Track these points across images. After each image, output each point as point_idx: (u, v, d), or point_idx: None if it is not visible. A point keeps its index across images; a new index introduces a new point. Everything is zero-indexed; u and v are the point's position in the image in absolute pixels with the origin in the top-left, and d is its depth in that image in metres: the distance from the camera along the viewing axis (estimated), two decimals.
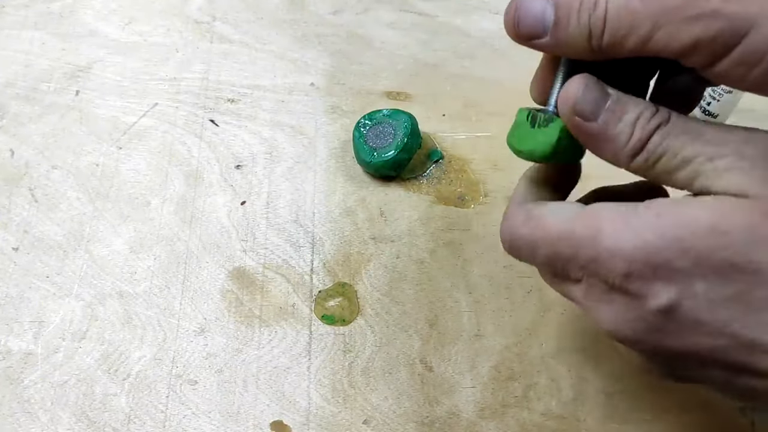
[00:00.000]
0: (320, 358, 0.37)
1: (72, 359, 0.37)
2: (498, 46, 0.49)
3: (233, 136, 0.45)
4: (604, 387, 0.37)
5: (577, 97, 0.25)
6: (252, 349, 0.38)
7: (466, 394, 0.37)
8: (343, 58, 0.49)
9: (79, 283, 0.40)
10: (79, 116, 0.46)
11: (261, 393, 0.36)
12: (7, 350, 0.37)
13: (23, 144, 0.45)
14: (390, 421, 0.36)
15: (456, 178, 0.43)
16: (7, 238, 0.41)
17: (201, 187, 0.43)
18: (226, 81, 0.47)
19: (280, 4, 0.51)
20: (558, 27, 0.25)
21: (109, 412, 0.36)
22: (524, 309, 0.39)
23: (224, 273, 0.40)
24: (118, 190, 0.43)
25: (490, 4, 0.51)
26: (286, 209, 0.42)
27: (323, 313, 0.39)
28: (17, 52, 0.49)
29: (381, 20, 0.51)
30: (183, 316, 0.39)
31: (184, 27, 0.50)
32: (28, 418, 0.35)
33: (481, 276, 0.40)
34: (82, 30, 0.50)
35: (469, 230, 0.41)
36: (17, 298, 0.39)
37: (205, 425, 0.36)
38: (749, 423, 0.36)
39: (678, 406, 0.36)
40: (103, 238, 0.41)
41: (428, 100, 0.47)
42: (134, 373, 0.37)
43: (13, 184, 0.43)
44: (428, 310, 0.39)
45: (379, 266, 0.40)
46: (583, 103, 0.25)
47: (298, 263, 0.40)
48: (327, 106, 0.46)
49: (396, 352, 0.38)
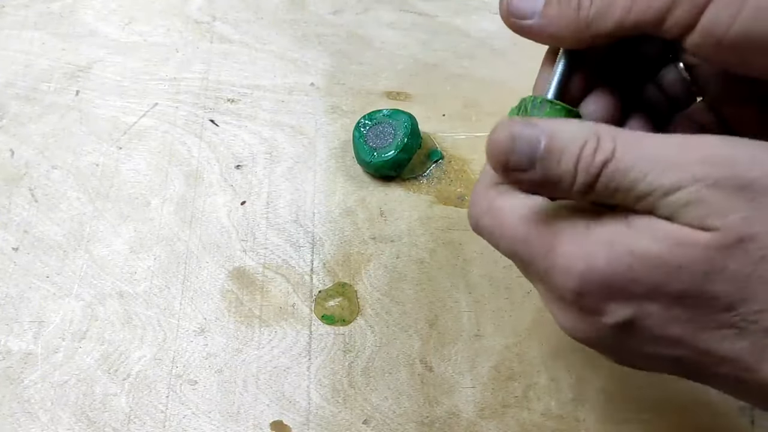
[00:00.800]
0: (320, 358, 0.37)
1: (72, 359, 0.37)
2: (498, 46, 0.49)
3: (233, 136, 0.45)
4: (604, 387, 0.37)
5: (507, 152, 0.23)
6: (252, 349, 0.38)
7: (466, 394, 0.37)
8: (343, 58, 0.49)
9: (79, 283, 0.40)
10: (79, 116, 0.46)
11: (261, 393, 0.36)
12: (7, 350, 0.37)
13: (23, 144, 0.45)
14: (390, 421, 0.36)
15: (456, 178, 0.44)
16: (7, 238, 0.41)
17: (201, 187, 0.43)
18: (226, 81, 0.47)
19: (280, 4, 0.51)
20: (548, 5, 0.25)
21: (109, 412, 0.36)
22: (524, 309, 0.39)
23: (224, 273, 0.40)
24: (118, 190, 0.43)
25: (490, 4, 0.51)
26: (286, 209, 0.42)
27: (323, 313, 0.39)
28: (17, 52, 0.49)
29: (381, 20, 0.51)
30: (183, 316, 0.39)
31: (184, 27, 0.50)
32: (28, 418, 0.36)
33: (481, 276, 0.40)
34: (82, 30, 0.50)
35: (469, 230, 0.41)
36: (17, 298, 0.39)
37: (205, 425, 0.36)
38: (749, 423, 0.36)
39: (678, 406, 0.36)
40: (103, 238, 0.41)
41: (428, 100, 0.47)
42: (134, 373, 0.37)
43: (13, 184, 0.43)
44: (428, 310, 0.39)
45: (379, 266, 0.40)
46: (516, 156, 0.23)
47: (298, 263, 0.40)
48: (327, 106, 0.46)
49: (396, 352, 0.38)
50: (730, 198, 0.21)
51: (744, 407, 0.36)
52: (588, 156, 0.22)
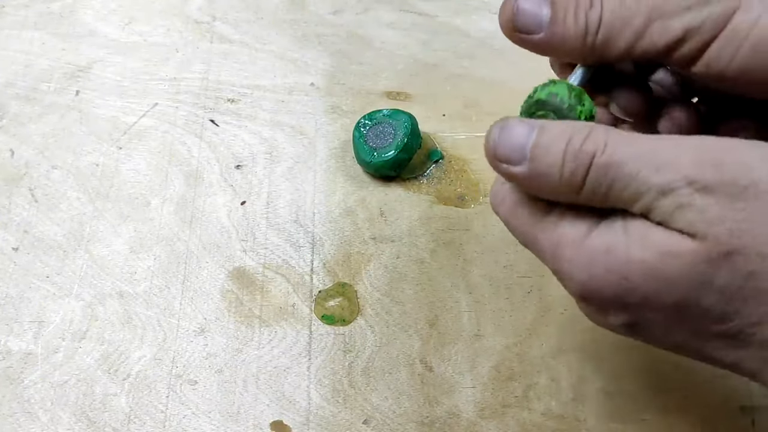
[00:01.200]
0: (320, 358, 0.37)
1: (72, 359, 0.37)
2: (498, 46, 0.49)
3: (233, 136, 0.45)
4: (604, 387, 0.37)
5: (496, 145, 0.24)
6: (252, 349, 0.38)
7: (466, 394, 0.37)
8: (343, 58, 0.49)
9: (79, 283, 0.40)
10: (79, 116, 0.46)
11: (261, 393, 0.36)
12: (7, 350, 0.37)
13: (23, 144, 0.45)
14: (390, 421, 0.36)
15: (456, 178, 0.43)
16: (7, 238, 0.41)
17: (201, 187, 0.43)
18: (226, 81, 0.47)
19: (280, 4, 0.51)
20: (554, 23, 0.25)
21: (109, 412, 0.36)
22: (524, 309, 0.39)
23: (224, 273, 0.40)
24: (118, 190, 0.43)
25: (490, 4, 0.51)
26: (286, 209, 0.42)
27: (323, 313, 0.39)
28: (17, 52, 0.49)
29: (381, 20, 0.51)
30: (183, 316, 0.39)
31: (184, 27, 0.50)
32: (28, 418, 0.35)
33: (481, 276, 0.40)
34: (82, 30, 0.50)
35: (469, 230, 0.41)
36: (17, 298, 0.39)
37: (205, 425, 0.36)
38: (750, 423, 0.36)
39: (678, 406, 0.36)
40: (103, 238, 0.41)
41: (428, 100, 0.47)
42: (134, 373, 0.37)
43: (13, 184, 0.43)
44: (428, 310, 0.39)
45: (379, 266, 0.40)
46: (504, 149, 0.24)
47: (298, 263, 0.40)
48: (327, 106, 0.46)
49: (396, 352, 0.38)
50: (720, 205, 0.21)
51: (745, 407, 0.36)
52: (576, 144, 0.22)
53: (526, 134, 0.23)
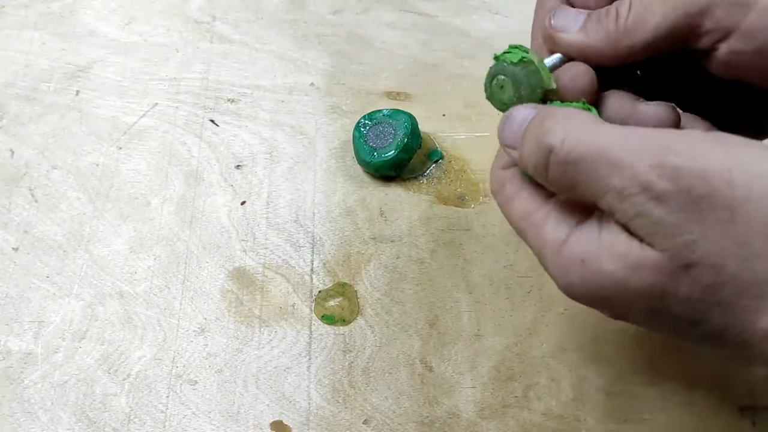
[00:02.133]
0: (320, 358, 0.37)
1: (72, 359, 0.37)
2: (498, 46, 0.49)
3: (233, 136, 0.45)
4: (604, 387, 0.37)
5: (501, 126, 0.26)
6: (252, 349, 0.38)
7: (466, 394, 0.37)
8: (343, 58, 0.49)
9: (79, 283, 0.40)
10: (79, 116, 0.46)
11: (261, 393, 0.36)
12: (7, 350, 0.37)
13: (23, 144, 0.45)
14: (390, 421, 0.36)
15: (456, 178, 0.43)
16: (7, 238, 0.41)
17: (201, 187, 0.43)
18: (226, 81, 0.47)
19: (280, 4, 0.51)
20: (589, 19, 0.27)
21: (109, 412, 0.36)
22: (524, 309, 0.39)
23: (224, 273, 0.40)
24: (118, 190, 0.43)
25: (490, 4, 0.51)
26: (286, 209, 0.42)
27: (323, 313, 0.39)
28: (17, 52, 0.49)
29: (381, 20, 0.51)
30: (183, 316, 0.39)
31: (184, 27, 0.50)
32: (28, 418, 0.35)
33: (481, 276, 0.40)
34: (82, 30, 0.50)
35: (469, 230, 0.41)
36: (17, 298, 0.39)
37: (205, 425, 0.36)
38: (750, 423, 0.36)
39: (678, 406, 0.36)
40: (103, 238, 0.41)
41: (428, 100, 0.47)
42: (134, 373, 0.37)
43: (13, 184, 0.43)
44: (428, 310, 0.39)
45: (379, 266, 0.40)
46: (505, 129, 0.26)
47: (298, 263, 0.40)
48: (327, 106, 0.46)
49: (396, 352, 0.38)
50: (674, 216, 0.20)
51: (745, 408, 0.36)
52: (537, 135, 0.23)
53: (522, 120, 0.25)
